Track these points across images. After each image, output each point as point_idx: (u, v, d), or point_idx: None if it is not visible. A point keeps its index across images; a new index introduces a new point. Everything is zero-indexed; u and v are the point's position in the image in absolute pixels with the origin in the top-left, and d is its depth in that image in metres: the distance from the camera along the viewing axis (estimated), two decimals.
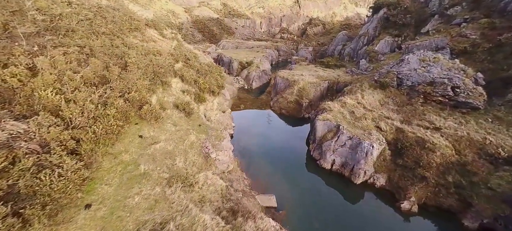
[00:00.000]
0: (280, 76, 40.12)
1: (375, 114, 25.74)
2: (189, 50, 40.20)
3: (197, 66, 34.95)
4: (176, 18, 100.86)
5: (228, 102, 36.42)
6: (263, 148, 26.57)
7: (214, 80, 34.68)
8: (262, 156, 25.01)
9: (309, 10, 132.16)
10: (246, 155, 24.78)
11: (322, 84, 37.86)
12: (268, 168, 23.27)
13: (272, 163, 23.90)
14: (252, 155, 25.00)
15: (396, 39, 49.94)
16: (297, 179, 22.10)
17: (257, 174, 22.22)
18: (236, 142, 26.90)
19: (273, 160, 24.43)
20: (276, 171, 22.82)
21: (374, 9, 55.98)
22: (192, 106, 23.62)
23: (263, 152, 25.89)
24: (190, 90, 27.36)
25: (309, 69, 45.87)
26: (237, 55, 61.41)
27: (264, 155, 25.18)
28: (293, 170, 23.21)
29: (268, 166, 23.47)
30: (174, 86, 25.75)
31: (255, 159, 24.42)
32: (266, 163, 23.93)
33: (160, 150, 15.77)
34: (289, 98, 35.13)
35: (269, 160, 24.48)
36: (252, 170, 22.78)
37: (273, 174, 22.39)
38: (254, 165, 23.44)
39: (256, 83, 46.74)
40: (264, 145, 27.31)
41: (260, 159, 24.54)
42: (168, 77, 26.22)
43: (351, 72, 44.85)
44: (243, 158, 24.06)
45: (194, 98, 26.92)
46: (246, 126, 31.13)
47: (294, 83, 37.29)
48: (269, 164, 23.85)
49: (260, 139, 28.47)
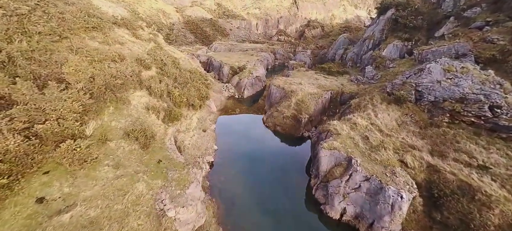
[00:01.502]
0: (275, 85, 34.09)
1: (395, 140, 19.74)
2: (168, 54, 34.02)
3: (175, 73, 28.76)
4: (167, 18, 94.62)
5: (213, 116, 30.29)
6: (250, 182, 20.34)
7: (195, 91, 28.52)
8: (249, 196, 18.77)
9: (308, 11, 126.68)
10: (228, 195, 18.54)
11: (324, 95, 31.84)
12: (256, 215, 17.10)
13: (261, 207, 17.69)
14: (236, 195, 18.76)
15: (406, 44, 44.17)
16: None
17: (240, 225, 16.15)
18: (216, 173, 20.72)
19: (263, 202, 18.24)
20: (266, 220, 16.72)
21: (380, 10, 50.28)
22: (154, 131, 17.44)
23: (250, 188, 19.66)
24: (159, 106, 21.17)
25: (309, 76, 39.93)
26: (229, 58, 55.33)
27: (252, 195, 18.93)
28: (289, 220, 17.06)
29: (256, 213, 17.29)
30: (135, 102, 19.56)
31: (239, 201, 18.19)
32: (253, 207, 17.72)
33: (73, 223, 9.63)
34: (285, 113, 29.07)
35: (257, 201, 18.27)
36: (234, 218, 16.67)
37: (262, 225, 16.32)
38: (237, 211, 17.25)
39: (249, 91, 40.67)
40: (252, 177, 21.06)
41: (245, 201, 18.31)
42: (128, 91, 20.03)
43: (356, 80, 38.96)
44: (223, 200, 17.84)
45: (164, 117, 20.73)
46: (231, 148, 24.96)
47: (292, 93, 31.24)
48: (258, 208, 17.64)
49: (248, 168, 22.28)
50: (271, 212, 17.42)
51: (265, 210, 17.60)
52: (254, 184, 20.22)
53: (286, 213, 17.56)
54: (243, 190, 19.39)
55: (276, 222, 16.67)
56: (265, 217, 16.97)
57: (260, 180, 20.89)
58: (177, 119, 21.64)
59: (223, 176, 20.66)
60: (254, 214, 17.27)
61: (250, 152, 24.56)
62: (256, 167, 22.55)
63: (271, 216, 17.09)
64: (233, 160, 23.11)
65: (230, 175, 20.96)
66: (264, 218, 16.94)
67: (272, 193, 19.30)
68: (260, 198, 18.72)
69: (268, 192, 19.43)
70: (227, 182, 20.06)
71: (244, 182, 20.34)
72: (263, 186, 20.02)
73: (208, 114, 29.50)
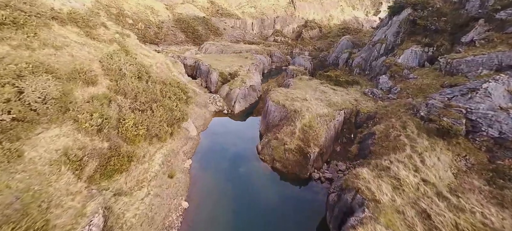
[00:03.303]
0: (274, 100, 25.80)
1: (471, 219, 11.79)
2: (136, 60, 25.35)
3: (137, 89, 20.23)
4: (155, 16, 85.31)
5: (191, 144, 21.88)
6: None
7: (165, 113, 20.03)
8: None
9: (305, 11, 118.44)
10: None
11: (336, 117, 23.69)
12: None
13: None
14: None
15: (426, 49, 36.31)
16: None
17: None
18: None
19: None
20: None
21: (393, 10, 42.28)
22: (55, 214, 9.12)
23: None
24: (89, 150, 12.72)
25: (313, 88, 31.75)
26: (219, 62, 46.75)
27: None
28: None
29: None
30: (40, 150, 11.19)
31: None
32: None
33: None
34: (287, 143, 20.86)
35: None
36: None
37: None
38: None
39: (240, 104, 32.32)
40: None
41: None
42: (33, 129, 11.57)
43: (372, 94, 30.92)
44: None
45: (95, 171, 12.33)
46: (210, 203, 16.67)
47: (295, 114, 23.01)
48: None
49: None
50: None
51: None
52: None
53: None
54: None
55: None
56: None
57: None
58: (120, 170, 13.23)
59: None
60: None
61: (238, 209, 16.26)
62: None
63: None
64: (211, 228, 14.78)
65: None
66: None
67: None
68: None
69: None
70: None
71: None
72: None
73: (184, 143, 21.10)
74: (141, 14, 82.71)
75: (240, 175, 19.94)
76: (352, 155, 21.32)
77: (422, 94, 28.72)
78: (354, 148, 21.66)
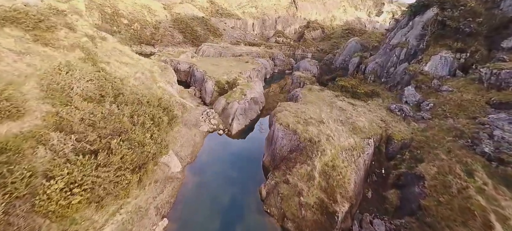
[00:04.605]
0: (282, 123, 19.30)
1: None
2: (103, 72, 18.77)
3: (95, 115, 13.71)
4: (152, 16, 78.48)
5: (170, 190, 15.38)
6: None
7: (133, 151, 13.54)
8: None
9: (307, 12, 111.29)
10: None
11: (366, 150, 17.19)
12: None
13: None
14: None
15: (458, 56, 29.65)
16: None
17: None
18: None
19: None
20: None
21: (415, 9, 35.52)
22: None
23: None
24: None
25: (328, 102, 25.22)
26: (217, 67, 40.12)
27: None
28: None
29: None
30: None
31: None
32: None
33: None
34: (303, 193, 14.33)
35: None
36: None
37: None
38: None
39: (239, 122, 25.81)
40: None
41: None
42: None
43: (400, 111, 24.32)
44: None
45: None
46: None
47: (312, 147, 16.50)
48: None
49: None
50: None
51: None
52: None
53: None
54: None
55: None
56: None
57: None
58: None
59: None
60: None
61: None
62: None
63: None
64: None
65: None
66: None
67: None
68: None
69: None
70: None
71: None
72: None
73: (159, 191, 14.62)
74: (137, 14, 75.86)
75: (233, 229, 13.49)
76: (392, 207, 14.82)
77: (464, 114, 22.18)
78: (393, 197, 15.15)
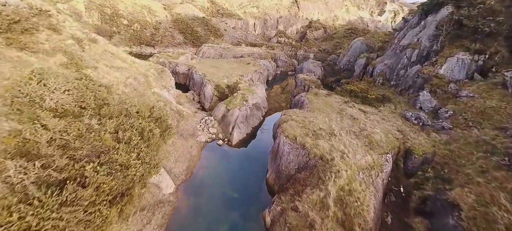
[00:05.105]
0: (288, 135, 16.88)
1: None
2: (85, 82, 16.42)
3: (68, 133, 11.33)
4: (152, 16, 76.06)
5: (159, 217, 13.00)
6: None
7: (113, 177, 11.08)
8: None
9: (309, 11, 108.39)
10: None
11: (384, 168, 14.73)
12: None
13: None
14: None
15: (476, 58, 27.01)
16: None
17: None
18: None
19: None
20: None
21: (427, 7, 32.79)
22: None
23: None
24: None
25: (337, 109, 22.74)
26: (217, 70, 37.70)
27: None
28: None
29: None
30: None
31: None
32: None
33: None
34: (315, 226, 11.76)
35: None
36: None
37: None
38: None
39: (240, 131, 23.39)
40: None
41: None
42: None
43: (417, 120, 21.74)
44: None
45: None
46: None
47: (324, 166, 14.04)
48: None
49: None
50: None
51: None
52: None
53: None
54: None
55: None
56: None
57: None
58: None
59: None
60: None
61: None
62: None
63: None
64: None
65: None
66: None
67: None
68: None
69: None
70: None
71: None
72: None
73: (146, 221, 12.28)
74: (137, 14, 73.48)
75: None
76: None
77: (489, 123, 19.65)
78: (420, 227, 12.67)
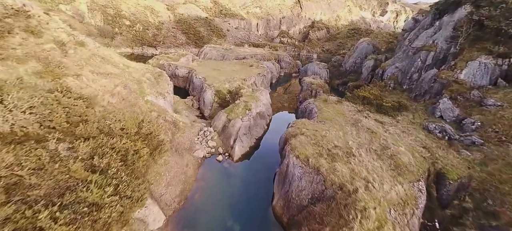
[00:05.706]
0: (298, 155, 14.15)
1: None
2: (59, 96, 13.80)
3: (22, 167, 8.64)
4: (155, 17, 73.43)
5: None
6: None
7: (81, 224, 8.34)
8: None
9: (312, 11, 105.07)
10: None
11: (419, 202, 11.95)
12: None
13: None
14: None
15: (499, 62, 24.01)
16: None
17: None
18: None
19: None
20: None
21: (443, 7, 29.69)
22: None
23: None
24: None
25: (350, 119, 19.95)
26: (218, 73, 34.98)
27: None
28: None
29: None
30: None
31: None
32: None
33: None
34: None
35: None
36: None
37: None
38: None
39: (243, 144, 20.64)
40: None
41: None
42: None
43: (442, 133, 18.85)
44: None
45: None
46: None
47: (346, 199, 11.32)
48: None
49: None
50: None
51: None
52: None
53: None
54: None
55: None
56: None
57: None
58: None
59: None
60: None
61: None
62: None
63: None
64: None
65: None
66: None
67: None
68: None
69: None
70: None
71: None
72: None
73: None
74: (139, 15, 70.89)
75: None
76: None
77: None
78: None
